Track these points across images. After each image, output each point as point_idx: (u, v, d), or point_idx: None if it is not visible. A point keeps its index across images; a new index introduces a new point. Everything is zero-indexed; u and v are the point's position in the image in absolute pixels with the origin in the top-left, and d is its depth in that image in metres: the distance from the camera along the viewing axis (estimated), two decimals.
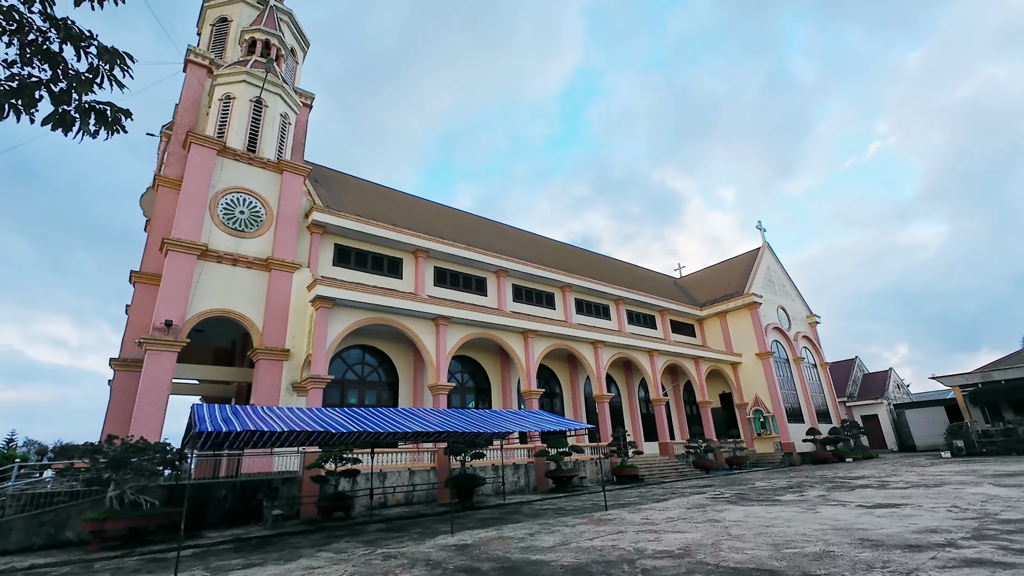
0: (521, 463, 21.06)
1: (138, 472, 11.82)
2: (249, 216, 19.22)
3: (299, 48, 27.45)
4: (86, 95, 4.21)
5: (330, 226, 20.74)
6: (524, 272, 26.84)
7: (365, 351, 21.05)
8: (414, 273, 23.10)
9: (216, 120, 20.28)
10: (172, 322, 16.12)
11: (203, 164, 18.38)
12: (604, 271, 34.96)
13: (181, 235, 17.13)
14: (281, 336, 18.30)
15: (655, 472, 24.40)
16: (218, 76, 21.09)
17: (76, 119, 4.12)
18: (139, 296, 18.73)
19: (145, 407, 15.01)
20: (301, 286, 19.09)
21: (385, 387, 21.23)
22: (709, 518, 10.87)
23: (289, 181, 20.38)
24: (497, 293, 25.96)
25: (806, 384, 35.69)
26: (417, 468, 18.10)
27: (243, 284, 18.26)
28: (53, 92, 4.14)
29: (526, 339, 23.23)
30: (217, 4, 25.11)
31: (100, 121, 4.24)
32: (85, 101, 4.16)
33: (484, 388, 24.50)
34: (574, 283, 28.99)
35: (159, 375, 15.59)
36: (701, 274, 44.89)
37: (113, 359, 17.89)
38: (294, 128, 22.92)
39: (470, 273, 25.37)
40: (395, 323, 19.38)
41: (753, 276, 36.70)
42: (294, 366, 18.28)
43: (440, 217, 29.08)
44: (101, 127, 4.40)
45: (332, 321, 17.78)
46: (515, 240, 31.73)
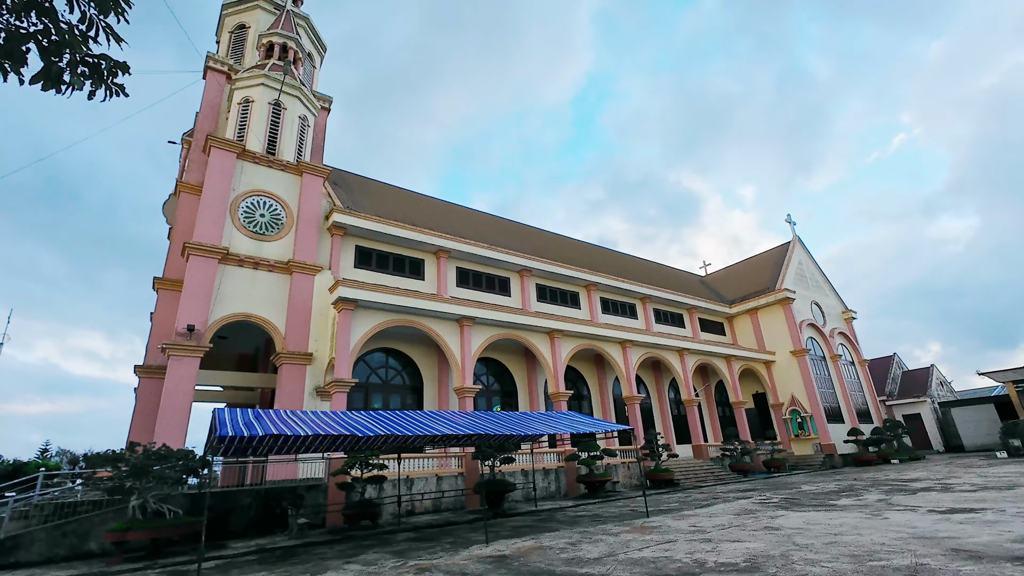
0: (551, 468, 20.30)
1: (160, 480, 11.45)
2: (270, 219, 18.97)
3: (316, 53, 27.37)
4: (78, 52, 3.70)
5: (351, 228, 20.38)
6: (548, 271, 26.15)
7: (389, 354, 20.59)
8: (436, 274, 22.61)
9: (235, 124, 20.15)
10: (194, 327, 15.86)
11: (223, 168, 18.20)
12: (629, 269, 34.06)
13: (202, 239, 16.91)
14: (304, 340, 17.94)
15: (691, 476, 23.36)
16: (237, 81, 21.00)
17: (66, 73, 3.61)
18: (162, 303, 18.59)
19: (168, 413, 14.73)
20: (323, 289, 18.73)
21: (409, 391, 20.72)
22: (765, 525, 9.98)
23: (309, 183, 20.10)
24: (521, 293, 25.31)
25: (844, 382, 34.12)
26: (445, 474, 17.50)
27: (265, 288, 17.98)
28: (42, 46, 3.64)
29: (552, 339, 22.50)
30: (235, 11, 25.18)
31: (94, 75, 3.72)
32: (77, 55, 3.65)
33: (510, 391, 23.82)
34: (599, 281, 28.17)
35: (182, 381, 15.32)
36: (728, 271, 43.56)
37: (138, 366, 17.75)
38: (312, 131, 22.71)
39: (493, 273, 24.78)
40: (418, 324, 18.87)
41: (784, 271, 35.34)
42: (317, 370, 17.89)
43: (461, 218, 28.62)
44: (98, 86, 3.88)
45: (355, 323, 17.34)
46: (537, 240, 31.08)
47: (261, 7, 25.21)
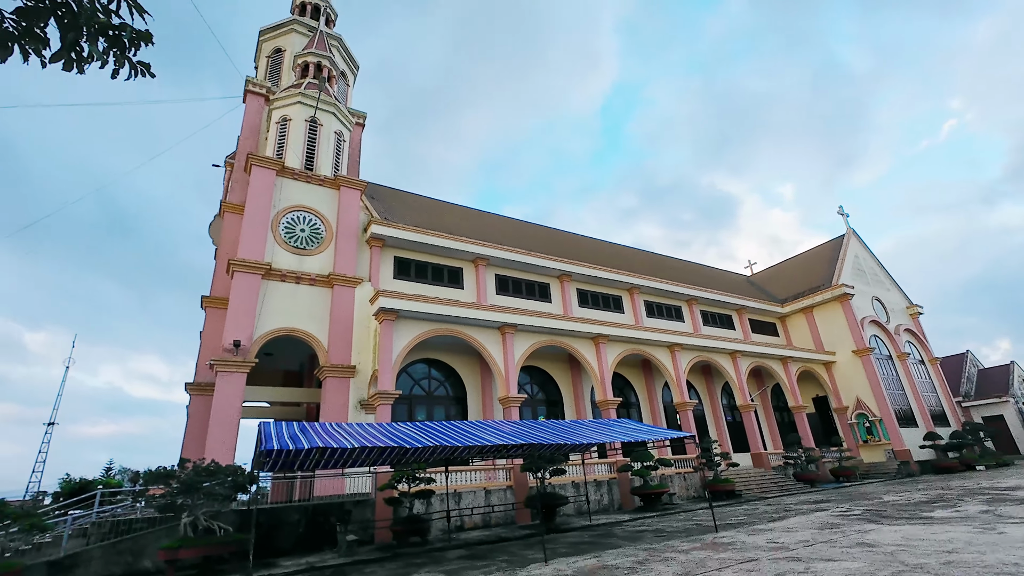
0: (603, 479, 19.36)
1: (210, 497, 11.32)
2: (310, 233, 19.08)
3: (349, 71, 27.84)
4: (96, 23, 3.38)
5: (389, 239, 20.29)
6: (589, 275, 25.37)
7: (431, 365, 20.25)
8: (475, 282, 22.23)
9: (275, 142, 20.50)
10: (240, 342, 15.94)
11: (264, 185, 18.45)
12: (672, 271, 32.82)
13: (246, 255, 17.09)
14: (346, 352, 17.81)
15: (752, 486, 21.87)
16: (274, 101, 21.43)
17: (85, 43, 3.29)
18: (210, 321, 18.88)
19: (217, 429, 14.76)
20: (363, 300, 18.62)
21: (453, 402, 20.28)
22: (857, 542, 8.88)
23: (346, 196, 20.17)
24: (562, 298, 24.62)
25: (915, 383, 31.59)
26: (493, 487, 16.87)
27: (307, 301, 18.00)
28: (61, 21, 3.34)
29: (597, 345, 21.66)
30: (272, 36, 25.93)
31: (115, 47, 3.39)
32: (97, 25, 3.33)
33: (555, 400, 23.05)
34: (643, 284, 27.15)
35: (230, 396, 15.37)
36: (776, 270, 41.53)
37: (188, 384, 18.01)
38: (348, 146, 22.92)
39: (532, 279, 24.21)
40: (460, 333, 18.46)
41: (840, 266, 33.24)
42: (361, 383, 17.69)
43: (497, 226, 28.27)
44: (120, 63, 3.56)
45: (396, 334, 17.08)
46: (575, 245, 30.36)
47: (296, 31, 25.86)
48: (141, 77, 3.71)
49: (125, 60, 3.58)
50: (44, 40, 3.44)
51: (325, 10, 27.61)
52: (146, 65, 3.68)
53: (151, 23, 3.64)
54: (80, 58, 3.45)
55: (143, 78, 3.72)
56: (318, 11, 27.53)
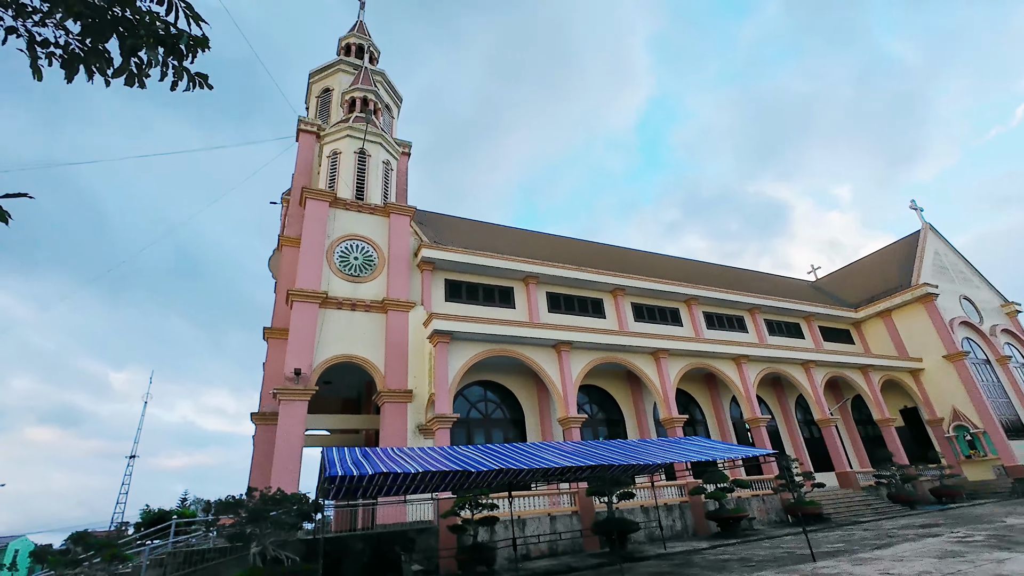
0: (673, 503, 18.15)
1: (277, 526, 11.28)
2: (363, 261, 19.43)
3: (393, 104, 28.73)
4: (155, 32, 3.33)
5: (439, 261, 20.37)
6: (643, 288, 24.49)
7: (487, 387, 19.90)
8: (526, 301, 21.89)
9: (327, 175, 21.23)
10: (301, 371, 16.21)
11: (318, 216, 19.02)
12: (731, 280, 31.29)
13: (303, 285, 17.54)
14: (403, 377, 17.77)
15: (842, 509, 19.92)
16: (325, 136, 22.30)
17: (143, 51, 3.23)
18: (272, 351, 19.41)
19: (282, 457, 14.93)
20: (417, 324, 18.63)
21: (510, 424, 19.78)
22: (993, 573, 7.63)
23: (396, 223, 20.49)
24: (616, 314, 23.82)
25: (1021, 389, 28.28)
26: (557, 513, 16.11)
27: (362, 328, 18.20)
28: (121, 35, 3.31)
29: (657, 360, 20.67)
30: (321, 78, 27.23)
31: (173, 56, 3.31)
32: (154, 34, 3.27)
33: (616, 420, 22.07)
34: (701, 295, 25.93)
35: (292, 424, 15.57)
36: (842, 273, 38.88)
37: (254, 414, 18.46)
38: (395, 174, 23.44)
39: (584, 295, 23.61)
40: (514, 353, 18.07)
41: (919, 264, 30.62)
42: (418, 407, 17.55)
43: (545, 244, 27.98)
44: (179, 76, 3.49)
45: (451, 356, 16.91)
46: (627, 259, 29.55)
47: (343, 70, 27.03)
48: (199, 88, 3.63)
49: (184, 72, 3.51)
50: (108, 59, 3.42)
51: (368, 49, 28.80)
52: (204, 76, 3.61)
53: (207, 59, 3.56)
54: (140, 71, 3.40)
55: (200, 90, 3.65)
56: (362, 50, 28.75)
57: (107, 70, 3.45)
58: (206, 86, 3.65)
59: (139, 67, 3.36)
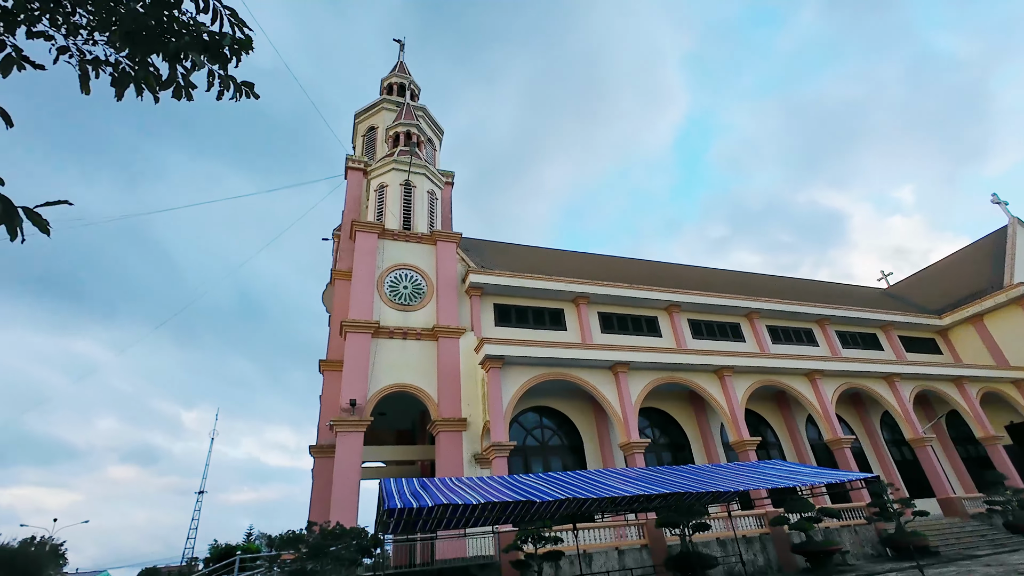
0: (752, 535, 16.61)
1: (337, 561, 11.00)
2: (412, 289, 19.52)
3: (435, 137, 29.39)
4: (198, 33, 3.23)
5: (487, 286, 20.19)
6: (700, 303, 23.34)
7: (542, 413, 19.23)
8: (578, 322, 21.27)
9: (374, 208, 21.72)
10: (356, 401, 16.20)
11: (367, 248, 19.36)
12: (794, 291, 29.45)
13: (356, 316, 17.72)
14: (456, 405, 17.45)
15: (951, 541, 17.63)
16: (371, 171, 22.94)
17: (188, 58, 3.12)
18: (328, 384, 19.61)
19: (340, 490, 14.79)
20: (468, 350, 18.38)
21: (568, 451, 18.94)
22: None
23: (443, 250, 20.57)
24: (672, 331, 22.74)
25: None
26: (625, 547, 15.05)
27: (414, 356, 18.12)
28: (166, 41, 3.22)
29: (721, 378, 19.40)
30: (366, 117, 28.32)
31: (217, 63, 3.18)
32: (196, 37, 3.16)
33: (680, 444, 20.75)
34: (763, 307, 24.43)
35: (349, 456, 15.47)
36: (917, 278, 35.92)
37: (312, 446, 18.57)
38: (440, 203, 23.71)
39: (638, 314, 22.73)
40: (569, 376, 17.41)
41: (1011, 261, 27.78)
42: (473, 436, 17.12)
43: (594, 264, 27.39)
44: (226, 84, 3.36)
45: (504, 382, 16.46)
46: (680, 275, 28.45)
47: (386, 108, 28.00)
48: (246, 98, 3.50)
49: (229, 81, 3.38)
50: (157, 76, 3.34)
51: (409, 86, 29.77)
52: (250, 84, 3.48)
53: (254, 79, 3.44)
54: (187, 82, 3.29)
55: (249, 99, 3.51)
56: (403, 88, 29.75)
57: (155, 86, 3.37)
58: (252, 95, 3.52)
59: (185, 77, 3.25)
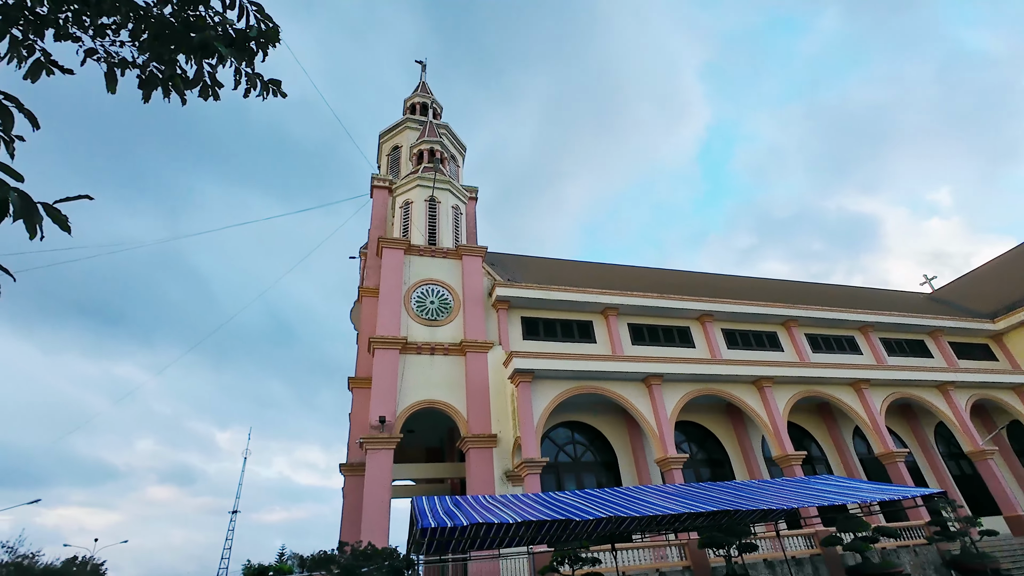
0: (803, 556, 15.64)
1: None
2: (439, 304, 19.42)
3: (458, 153, 29.62)
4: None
5: (514, 299, 19.95)
6: (735, 312, 22.57)
7: (573, 429, 18.74)
8: (607, 334, 20.78)
9: (400, 225, 21.84)
10: (385, 418, 16.05)
11: (394, 264, 19.40)
12: (833, 298, 28.32)
13: (383, 332, 17.68)
14: (486, 421, 17.12)
15: (1022, 563, 16.28)
16: (397, 188, 23.16)
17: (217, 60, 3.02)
18: (357, 401, 19.55)
19: (371, 509, 14.57)
20: (496, 365, 18.11)
21: (602, 468, 18.35)
22: None
23: (469, 264, 20.48)
24: (706, 342, 22.01)
25: None
26: (667, 568, 14.33)
27: (442, 372, 17.93)
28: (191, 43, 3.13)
29: (761, 389, 18.59)
30: (390, 137, 28.77)
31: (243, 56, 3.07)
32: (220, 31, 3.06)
33: (719, 459, 19.90)
34: (801, 315, 23.48)
35: (379, 473, 15.27)
36: (964, 282, 34.19)
37: (342, 464, 18.45)
38: (465, 218, 23.72)
39: (669, 325, 22.10)
40: (601, 390, 16.93)
41: None
42: (504, 453, 16.73)
43: (622, 275, 26.92)
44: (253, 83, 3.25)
45: (534, 396, 16.09)
46: (711, 284, 27.69)
47: (409, 127, 28.40)
48: (273, 96, 3.39)
49: (256, 79, 3.27)
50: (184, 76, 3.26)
51: (432, 105, 30.21)
52: (277, 83, 3.37)
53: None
54: (213, 80, 3.19)
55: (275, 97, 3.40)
56: (426, 108, 30.20)
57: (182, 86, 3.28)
58: (279, 93, 3.41)
59: (211, 76, 3.15)
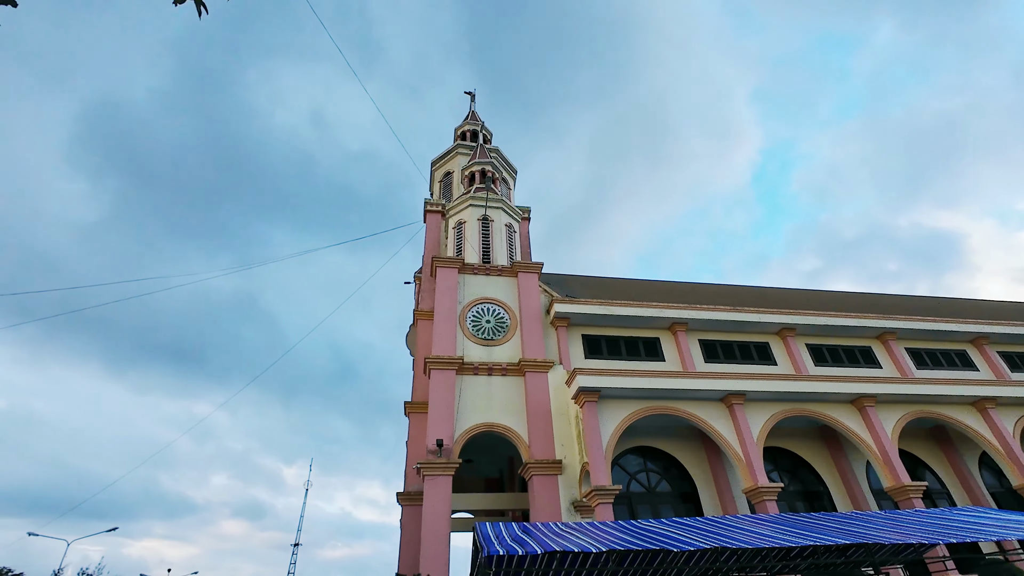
0: None
1: None
2: (495, 324, 18.64)
3: (509, 177, 29.40)
4: None
5: (573, 316, 18.86)
6: (821, 326, 20.32)
7: (645, 455, 17.07)
8: (676, 352, 19.16)
9: (454, 245, 21.50)
10: (443, 441, 15.16)
11: (448, 283, 18.92)
12: (936, 308, 25.24)
13: (440, 352, 17.04)
14: (549, 446, 15.86)
15: None
16: (450, 210, 22.98)
17: None
18: (413, 426, 18.79)
19: (430, 538, 13.56)
20: (557, 386, 16.94)
21: (679, 499, 16.47)
22: None
23: (524, 281, 19.69)
24: (789, 358, 19.86)
25: None
26: None
27: (501, 394, 16.96)
28: None
29: (862, 409, 16.30)
30: (441, 164, 29.05)
31: None
32: None
33: (815, 491, 17.47)
34: (901, 327, 20.84)
35: (438, 501, 14.29)
36: None
37: (399, 493, 17.60)
38: (519, 237, 23.14)
39: (746, 340, 20.17)
40: (675, 410, 15.33)
41: None
42: (570, 480, 15.35)
43: (687, 293, 25.22)
44: None
45: (601, 418, 14.74)
46: (789, 298, 25.40)
47: (460, 153, 28.58)
48: None
49: None
50: None
51: (481, 131, 30.39)
52: None
53: None
54: None
55: None
56: (476, 135, 30.41)
57: None
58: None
59: None
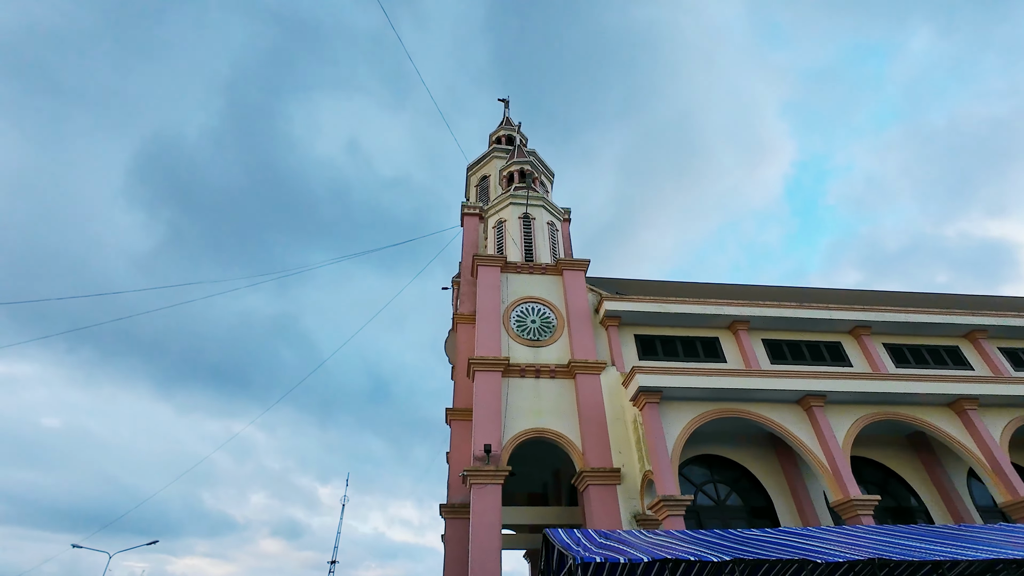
0: None
1: None
2: (540, 324, 17.60)
3: (546, 180, 28.58)
4: None
5: (625, 315, 17.64)
6: (900, 323, 18.41)
7: (711, 465, 15.51)
8: (738, 351, 17.63)
9: (494, 245, 20.72)
10: (491, 447, 14.09)
11: (491, 282, 18.06)
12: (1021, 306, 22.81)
13: (483, 352, 16.09)
14: (605, 453, 14.56)
15: None
16: (488, 210, 22.28)
17: None
18: (456, 435, 17.83)
19: (479, 554, 12.39)
20: (611, 388, 15.70)
21: (753, 513, 14.79)
22: None
23: (570, 280, 18.64)
24: (864, 358, 18.01)
25: None
26: None
27: (550, 397, 15.81)
28: None
29: (962, 413, 14.39)
30: (477, 168, 28.58)
31: None
32: None
33: (907, 506, 15.46)
34: (991, 323, 18.71)
35: (487, 513, 13.15)
36: None
37: (443, 505, 16.56)
38: (561, 236, 22.19)
39: (815, 340, 18.45)
40: (746, 413, 13.83)
41: None
42: (629, 491, 13.99)
43: (741, 294, 23.57)
44: None
45: (664, 421, 13.39)
46: (857, 298, 23.43)
47: (496, 157, 28.06)
48: None
49: None
50: None
51: (517, 133, 29.82)
52: None
53: None
54: None
55: None
56: (511, 140, 29.84)
57: None
58: None
59: None
